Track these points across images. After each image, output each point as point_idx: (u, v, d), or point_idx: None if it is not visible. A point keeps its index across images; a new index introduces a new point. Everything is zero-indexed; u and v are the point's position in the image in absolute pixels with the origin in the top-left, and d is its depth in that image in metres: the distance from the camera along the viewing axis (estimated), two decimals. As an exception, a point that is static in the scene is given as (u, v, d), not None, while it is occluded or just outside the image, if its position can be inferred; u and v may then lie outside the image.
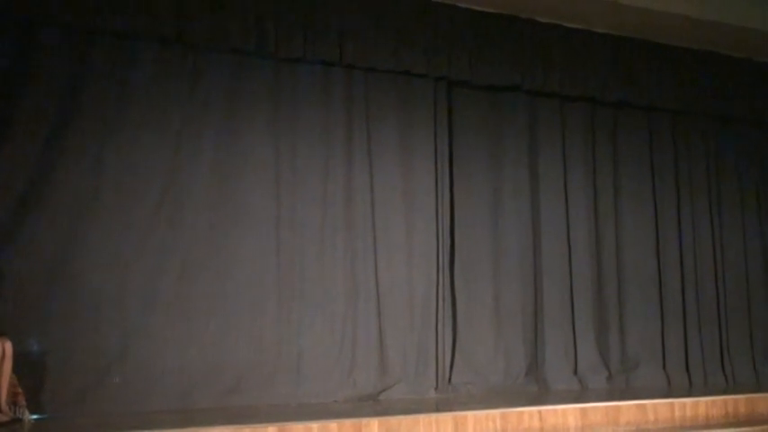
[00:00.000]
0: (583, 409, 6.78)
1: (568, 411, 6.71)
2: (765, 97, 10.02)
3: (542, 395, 7.97)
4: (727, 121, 9.99)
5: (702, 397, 7.42)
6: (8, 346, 5.92)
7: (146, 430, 5.57)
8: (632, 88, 9.27)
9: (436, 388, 7.87)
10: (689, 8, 8.84)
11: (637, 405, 6.85)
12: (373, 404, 7.30)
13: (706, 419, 7.12)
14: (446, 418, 6.29)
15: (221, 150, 7.46)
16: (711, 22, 9.02)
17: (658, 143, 9.64)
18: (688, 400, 7.17)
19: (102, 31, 7.03)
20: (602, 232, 9.09)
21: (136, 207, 7.05)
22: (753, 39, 9.48)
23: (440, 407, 6.98)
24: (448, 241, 8.28)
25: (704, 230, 9.60)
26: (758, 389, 8.32)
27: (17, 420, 5.96)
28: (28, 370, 6.26)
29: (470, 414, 6.40)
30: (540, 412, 6.63)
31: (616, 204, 9.24)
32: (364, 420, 6.01)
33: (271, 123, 7.71)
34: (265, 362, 7.31)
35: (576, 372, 8.63)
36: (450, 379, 8.02)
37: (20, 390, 6.07)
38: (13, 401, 6.01)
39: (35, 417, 6.16)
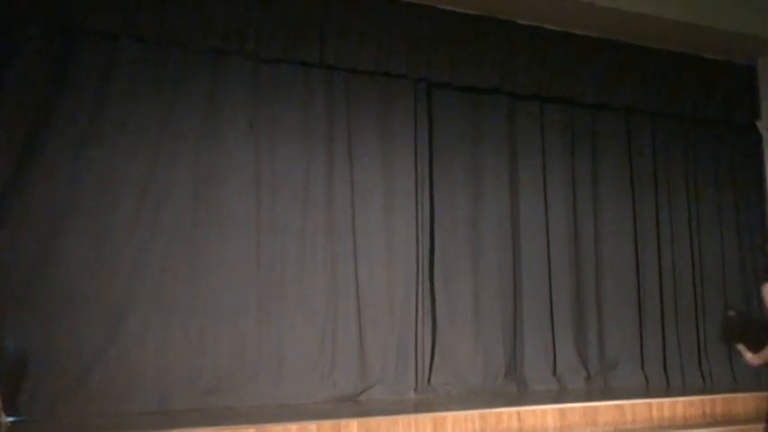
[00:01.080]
0: (561, 410, 6.83)
1: (547, 412, 6.75)
2: (743, 99, 10.11)
3: (521, 396, 8.00)
4: (705, 122, 10.05)
5: (680, 397, 7.49)
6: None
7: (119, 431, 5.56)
8: (611, 90, 9.32)
9: (415, 389, 7.89)
10: (667, 10, 8.90)
11: (615, 405, 6.90)
12: (353, 405, 7.31)
13: (684, 419, 7.17)
14: (425, 419, 6.32)
15: (201, 151, 7.45)
16: (689, 25, 9.09)
17: (637, 145, 9.69)
18: (666, 401, 7.22)
19: (81, 31, 7.00)
20: (581, 234, 9.14)
21: (115, 208, 7.03)
22: (730, 41, 9.56)
23: (419, 408, 7.00)
24: (427, 242, 8.30)
25: (682, 231, 9.67)
26: (735, 389, 8.38)
27: (-6, 423, 5.94)
28: (5, 372, 6.24)
29: (449, 415, 6.43)
30: (518, 413, 6.67)
31: (595, 206, 9.29)
32: (343, 421, 6.04)
33: (251, 124, 7.69)
34: (245, 363, 7.30)
35: (554, 372, 8.67)
36: (429, 380, 8.03)
37: (-4, 392, 6.04)
38: (-11, 404, 5.99)
39: (12, 419, 6.12)
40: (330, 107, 8.07)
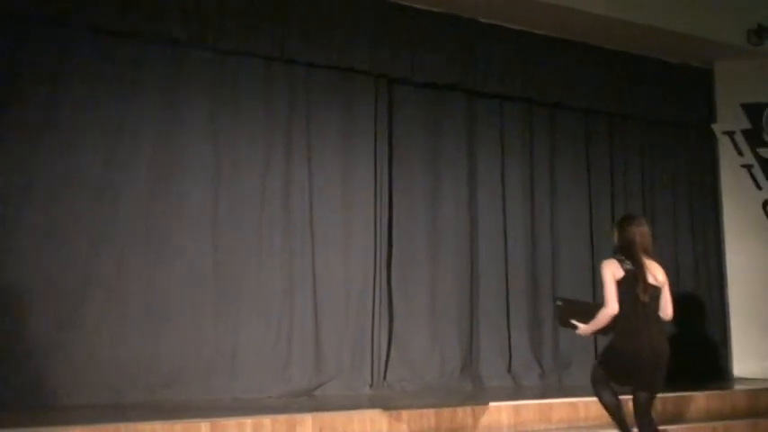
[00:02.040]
0: (516, 407, 6.86)
1: (502, 409, 6.78)
2: (699, 102, 10.25)
3: (476, 393, 8.03)
4: (661, 124, 10.17)
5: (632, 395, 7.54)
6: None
7: (76, 425, 5.49)
8: (570, 90, 9.39)
9: (371, 384, 7.90)
10: (626, 13, 8.99)
11: (569, 403, 6.95)
12: (308, 400, 7.29)
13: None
14: (380, 415, 6.31)
15: (160, 144, 7.37)
16: (648, 27, 9.19)
17: (595, 144, 9.78)
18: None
19: (34, 19, 6.89)
20: (539, 232, 9.19)
21: (71, 200, 6.93)
22: (688, 44, 9.69)
23: (374, 403, 6.98)
24: (386, 239, 8.31)
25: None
26: (688, 387, 8.50)
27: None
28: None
29: (404, 411, 6.43)
30: (473, 410, 6.68)
31: (553, 204, 9.34)
32: (298, 416, 6.01)
33: (211, 117, 7.63)
34: (200, 357, 7.25)
35: (509, 370, 8.72)
36: (385, 376, 8.04)
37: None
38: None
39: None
40: (291, 101, 8.03)
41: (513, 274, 8.89)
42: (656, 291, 5.73)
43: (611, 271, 5.65)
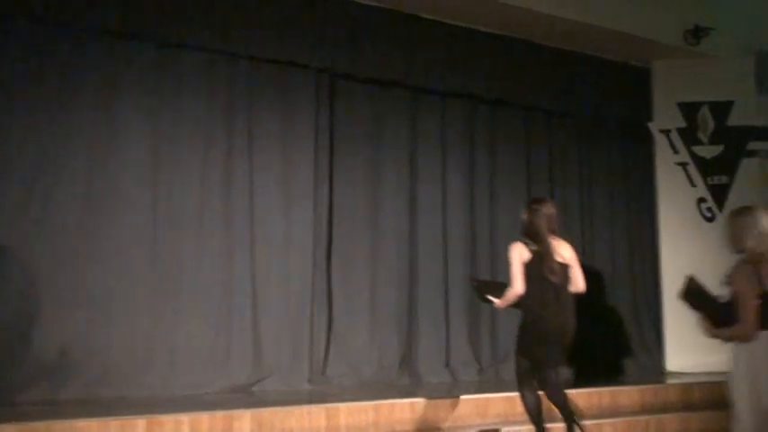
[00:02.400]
0: (453, 402, 6.90)
1: (439, 404, 6.82)
2: (637, 101, 10.40)
3: (414, 388, 8.06)
4: (600, 122, 10.30)
5: (568, 390, 7.64)
6: None
7: (8, 422, 5.39)
8: (511, 87, 9.47)
9: (310, 380, 7.88)
10: (567, 11, 9.08)
11: (505, 398, 7.00)
12: (246, 396, 7.26)
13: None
14: (319, 410, 6.32)
15: (97, 135, 7.26)
16: (588, 26, 9.30)
17: (534, 142, 9.87)
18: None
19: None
20: (478, 228, 9.24)
21: (5, 193, 6.80)
22: (627, 44, 9.83)
23: (313, 398, 6.99)
24: (326, 235, 8.30)
25: (575, 228, 9.87)
26: (623, 381, 8.64)
27: None
28: None
29: (343, 405, 6.44)
30: (411, 404, 6.72)
31: (492, 202, 9.39)
32: (236, 412, 5.99)
33: (150, 110, 7.54)
34: (137, 352, 7.16)
35: (447, 365, 8.77)
36: (324, 371, 8.04)
37: None
38: None
39: None
40: (231, 95, 7.97)
41: (453, 270, 8.94)
42: (564, 268, 6.00)
43: (518, 253, 5.99)
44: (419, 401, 6.76)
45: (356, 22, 8.46)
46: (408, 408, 6.68)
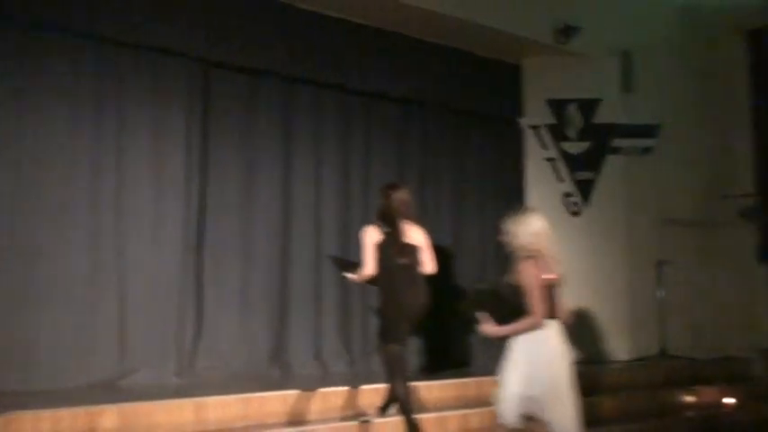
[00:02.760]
0: (324, 393, 6.91)
1: (310, 396, 6.82)
2: (508, 96, 10.61)
3: (285, 380, 8.02)
4: (473, 116, 10.45)
5: (435, 381, 7.79)
6: None
7: None
8: (386, 80, 9.51)
9: (178, 374, 7.74)
10: (443, 6, 9.14)
11: (375, 389, 7.05)
12: (111, 391, 7.08)
13: (438, 401, 7.45)
14: (187, 404, 6.23)
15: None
16: (463, 21, 9.39)
17: (410, 135, 9.94)
18: (422, 384, 7.45)
19: None
20: (351, 221, 9.21)
21: None
22: (500, 41, 10.01)
23: (180, 393, 6.87)
24: (196, 225, 8.16)
25: (447, 220, 10.05)
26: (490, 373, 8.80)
27: None
28: None
29: (211, 399, 6.36)
30: (282, 397, 6.70)
31: (365, 194, 9.34)
32: (100, 408, 5.84)
33: (15, 95, 7.24)
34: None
35: (319, 357, 8.75)
36: (192, 364, 7.91)
37: None
38: None
39: None
40: (100, 81, 7.72)
41: (326, 264, 8.90)
42: (414, 250, 6.43)
43: (371, 236, 6.39)
44: (290, 394, 6.76)
45: (231, 11, 8.33)
46: (279, 400, 6.67)
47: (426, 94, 9.90)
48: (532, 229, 5.15)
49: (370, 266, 6.35)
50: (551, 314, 5.06)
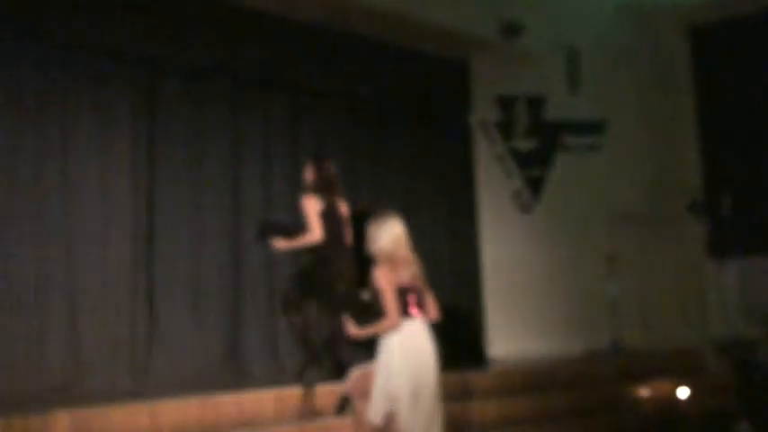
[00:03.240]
0: (279, 393, 6.83)
1: (266, 396, 6.74)
2: (458, 94, 10.70)
3: (241, 381, 7.92)
4: (421, 115, 10.43)
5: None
6: None
7: None
8: (333, 78, 9.49)
9: (132, 377, 7.62)
10: (390, 3, 9.13)
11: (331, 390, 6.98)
12: (64, 395, 6.93)
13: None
14: (141, 408, 6.11)
15: None
16: (408, 19, 9.41)
17: (357, 132, 9.94)
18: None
19: None
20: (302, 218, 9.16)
21: None
22: (448, 39, 10.08)
23: (135, 396, 6.76)
24: (145, 228, 8.03)
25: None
26: (443, 368, 8.78)
27: None
28: None
29: (166, 402, 6.26)
30: (237, 399, 6.60)
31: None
32: (53, 413, 5.70)
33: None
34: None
35: (274, 356, 8.67)
36: (146, 368, 7.79)
37: None
38: None
39: None
40: (44, 84, 7.59)
41: (278, 261, 8.84)
42: (347, 223, 6.87)
43: (313, 205, 6.69)
44: (246, 395, 6.66)
45: (176, 11, 8.23)
46: (234, 402, 6.56)
47: (373, 92, 9.87)
48: (390, 233, 5.24)
49: (317, 233, 6.62)
50: (415, 315, 5.20)
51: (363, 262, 6.77)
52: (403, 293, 5.16)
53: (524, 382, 8.33)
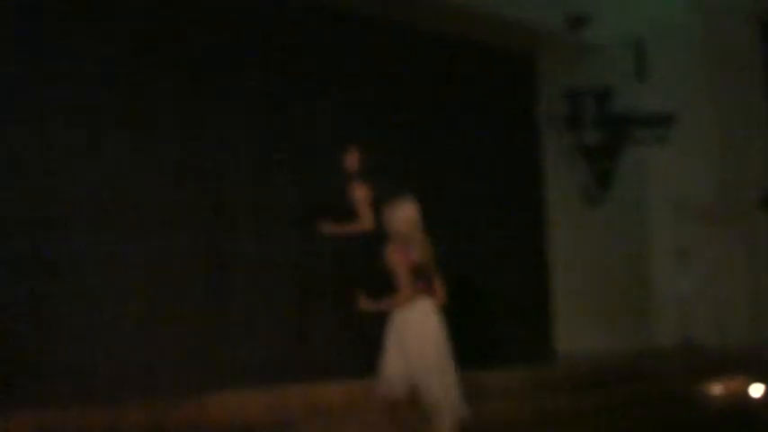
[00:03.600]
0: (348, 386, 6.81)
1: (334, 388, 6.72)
2: (524, 89, 10.69)
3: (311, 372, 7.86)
4: (487, 110, 10.36)
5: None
6: None
7: None
8: (402, 75, 9.45)
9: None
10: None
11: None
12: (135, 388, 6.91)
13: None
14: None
15: None
16: (476, 14, 9.40)
17: (423, 128, 9.85)
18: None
19: None
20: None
21: None
22: (514, 32, 10.07)
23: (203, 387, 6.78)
24: (215, 222, 8.04)
25: (465, 215, 9.95)
26: (511, 362, 8.72)
27: None
28: None
29: (235, 394, 6.25)
30: (308, 389, 6.59)
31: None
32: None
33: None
34: None
35: (345, 347, 8.59)
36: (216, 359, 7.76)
37: None
38: None
39: None
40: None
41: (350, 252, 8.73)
42: None
43: (363, 193, 7.07)
44: (315, 386, 6.64)
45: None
46: (303, 393, 6.56)
47: (439, 87, 9.86)
48: (404, 215, 5.44)
49: (369, 221, 6.95)
50: (425, 294, 5.38)
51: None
52: (415, 273, 5.34)
53: (594, 376, 8.25)
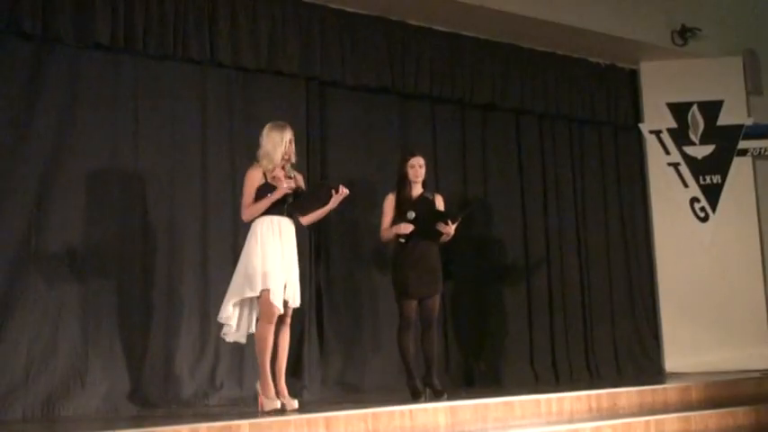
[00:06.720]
0: (453, 408, 6.83)
1: (438, 410, 6.75)
2: (626, 102, 10.43)
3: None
4: (590, 123, 10.29)
5: (567, 393, 7.61)
6: None
7: None
8: (500, 91, 9.47)
9: (307, 388, 7.73)
10: (554, 14, 9.10)
11: (504, 402, 6.94)
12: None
13: (570, 414, 7.29)
14: (317, 419, 6.22)
15: None
16: (575, 29, 9.33)
17: (526, 144, 9.85)
18: (553, 396, 7.31)
19: None
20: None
21: None
22: (615, 46, 9.87)
23: (309, 408, 6.89)
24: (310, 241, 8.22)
25: (569, 228, 9.96)
26: (620, 383, 8.58)
27: None
28: None
29: (342, 414, 6.34)
30: (411, 411, 6.63)
31: (486, 204, 9.37)
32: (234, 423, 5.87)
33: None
34: None
35: (448, 367, 8.68)
36: (322, 380, 7.94)
37: None
38: None
39: None
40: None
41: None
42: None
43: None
44: (418, 408, 6.67)
45: (344, 30, 8.46)
46: (408, 415, 6.58)
47: (541, 103, 9.82)
48: None
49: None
50: None
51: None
52: None
53: (707, 397, 8.01)
